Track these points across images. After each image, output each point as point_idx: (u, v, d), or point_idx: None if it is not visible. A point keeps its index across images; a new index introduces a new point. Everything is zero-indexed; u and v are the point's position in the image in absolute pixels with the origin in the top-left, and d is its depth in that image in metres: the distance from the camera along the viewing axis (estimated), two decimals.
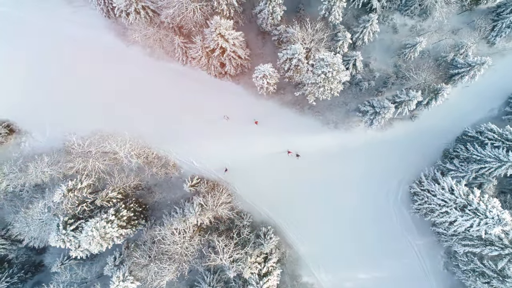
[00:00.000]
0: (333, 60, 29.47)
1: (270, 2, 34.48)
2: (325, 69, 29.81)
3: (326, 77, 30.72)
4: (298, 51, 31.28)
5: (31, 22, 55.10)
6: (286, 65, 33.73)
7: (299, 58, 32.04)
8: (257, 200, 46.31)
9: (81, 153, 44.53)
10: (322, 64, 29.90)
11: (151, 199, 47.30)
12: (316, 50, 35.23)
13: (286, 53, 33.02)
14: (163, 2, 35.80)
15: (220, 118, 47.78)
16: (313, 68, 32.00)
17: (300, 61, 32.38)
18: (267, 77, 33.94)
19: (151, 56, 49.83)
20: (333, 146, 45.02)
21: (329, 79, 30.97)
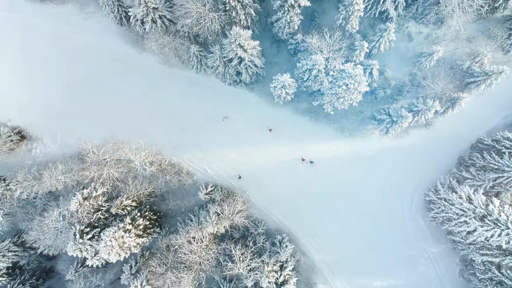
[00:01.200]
0: (355, 71, 29.52)
1: (288, 12, 34.49)
2: (347, 80, 29.88)
3: (348, 88, 30.78)
4: (319, 62, 31.33)
5: (44, 28, 55.30)
6: (305, 76, 33.77)
7: (319, 69, 32.07)
8: (271, 207, 46.39)
9: (96, 161, 44.54)
10: (344, 75, 29.96)
11: (165, 207, 47.33)
12: (334, 60, 35.25)
13: (305, 63, 33.07)
14: (180, 12, 35.82)
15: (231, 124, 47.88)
16: (333, 79, 32.04)
17: (320, 71, 32.40)
18: (286, 87, 33.97)
19: (164, 64, 49.92)
20: (347, 153, 45.09)
21: (350, 90, 31.02)
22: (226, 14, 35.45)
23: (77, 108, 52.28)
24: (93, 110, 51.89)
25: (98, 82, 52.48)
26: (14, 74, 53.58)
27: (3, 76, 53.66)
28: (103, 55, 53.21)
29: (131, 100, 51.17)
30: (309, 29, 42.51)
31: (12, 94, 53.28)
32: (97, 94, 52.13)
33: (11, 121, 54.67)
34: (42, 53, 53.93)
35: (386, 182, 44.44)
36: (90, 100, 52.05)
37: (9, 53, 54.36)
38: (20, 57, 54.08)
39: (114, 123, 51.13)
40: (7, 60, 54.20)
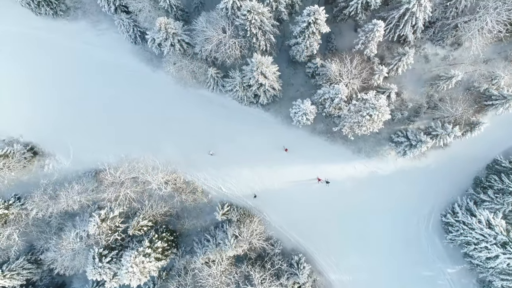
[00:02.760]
0: (379, 102, 29.66)
1: (308, 38, 34.60)
2: (371, 111, 30.00)
3: (371, 118, 30.93)
4: (342, 92, 31.46)
5: (56, 44, 55.39)
6: (326, 103, 33.87)
7: (341, 98, 32.20)
8: (287, 227, 46.48)
9: (113, 182, 44.63)
10: (368, 105, 30.10)
11: (180, 226, 47.43)
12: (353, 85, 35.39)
13: (327, 91, 33.19)
14: (201, 38, 35.91)
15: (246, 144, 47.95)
16: (356, 108, 32.20)
17: (342, 100, 32.52)
18: (307, 114, 34.10)
19: (179, 82, 49.87)
20: (363, 173, 45.21)
21: (373, 120, 31.17)
22: (247, 40, 35.52)
23: (89, 124, 52.39)
24: (105, 126, 51.99)
25: (111, 98, 52.57)
26: (26, 89, 53.72)
27: (15, 91, 53.81)
28: (116, 72, 53.31)
29: (144, 117, 51.25)
30: (325, 51, 42.67)
31: (24, 110, 53.42)
32: (110, 110, 52.24)
33: (23, 136, 54.82)
34: (54, 68, 54.06)
35: (402, 202, 44.54)
36: (102, 116, 52.16)
37: (21, 68, 54.51)
38: (32, 72, 54.22)
39: (127, 139, 51.21)
40: (19, 75, 54.35)
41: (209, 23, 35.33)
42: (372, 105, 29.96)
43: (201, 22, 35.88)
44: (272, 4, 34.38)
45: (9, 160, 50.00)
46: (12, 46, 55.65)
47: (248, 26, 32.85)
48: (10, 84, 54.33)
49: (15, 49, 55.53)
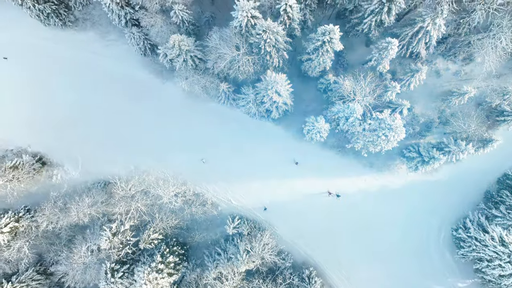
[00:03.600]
0: (395, 123, 29.71)
1: (322, 56, 34.63)
2: (387, 132, 30.05)
3: (387, 138, 30.99)
4: (357, 111, 31.51)
5: (64, 53, 55.51)
6: (340, 121, 33.92)
7: (356, 117, 32.24)
8: (297, 240, 46.52)
9: (124, 196, 44.64)
10: (383, 126, 30.14)
11: (191, 239, 47.39)
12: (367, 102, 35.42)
13: (342, 110, 33.23)
14: (214, 55, 35.95)
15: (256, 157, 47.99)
16: (370, 126, 32.23)
17: (357, 119, 32.56)
18: (321, 132, 34.14)
19: (188, 94, 49.93)
20: (374, 186, 45.27)
21: (389, 140, 31.23)
22: (260, 57, 35.56)
23: (98, 135, 52.41)
24: (114, 137, 52.02)
25: (119, 108, 52.59)
26: (34, 99, 53.71)
27: (22, 101, 53.79)
28: (124, 82, 53.38)
29: (153, 128, 51.30)
30: (337, 65, 42.68)
31: (32, 119, 53.44)
32: (118, 121, 52.27)
33: (31, 146, 54.76)
34: (62, 78, 54.11)
35: (412, 215, 44.61)
36: (110, 126, 52.18)
37: (28, 78, 54.56)
38: (39, 81, 54.26)
39: (135, 150, 51.25)
40: (27, 84, 54.38)
41: (223, 40, 35.36)
42: (388, 125, 30.01)
43: (215, 39, 35.92)
44: (285, 21, 34.38)
45: (19, 172, 49.97)
46: (20, 56, 55.74)
47: (263, 44, 32.89)
48: (18, 93, 54.37)
49: (23, 59, 55.60)
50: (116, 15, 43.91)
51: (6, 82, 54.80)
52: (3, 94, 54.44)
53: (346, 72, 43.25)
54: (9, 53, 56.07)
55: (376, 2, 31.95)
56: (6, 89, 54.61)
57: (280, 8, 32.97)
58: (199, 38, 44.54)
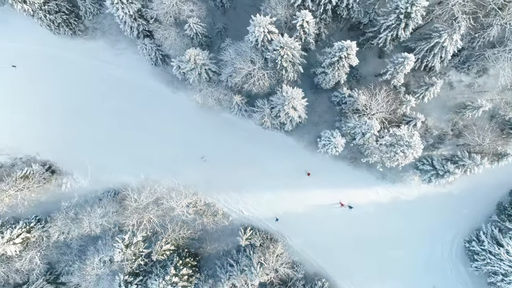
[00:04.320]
0: (414, 140, 29.75)
1: (337, 70, 34.65)
2: (405, 149, 30.07)
3: (405, 154, 31.02)
4: (374, 127, 31.53)
5: (73, 62, 55.48)
6: (357, 136, 33.91)
7: (373, 133, 32.26)
8: (309, 251, 46.52)
9: (137, 208, 44.62)
10: (402, 143, 30.16)
11: (203, 250, 47.40)
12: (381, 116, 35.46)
13: (358, 125, 33.23)
14: (229, 70, 35.95)
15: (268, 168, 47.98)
16: (386, 141, 32.26)
17: (374, 135, 32.59)
18: (337, 147, 34.17)
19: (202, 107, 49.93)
20: (386, 198, 45.26)
21: (407, 156, 31.27)
22: (276, 71, 35.57)
23: (107, 143, 52.40)
24: (123, 146, 51.98)
25: (128, 117, 52.62)
26: (42, 106, 53.75)
27: (31, 109, 53.83)
28: (134, 91, 53.43)
29: (163, 137, 51.29)
30: (350, 77, 42.65)
31: (41, 127, 53.50)
32: (127, 129, 52.28)
33: (40, 154, 54.81)
34: (70, 86, 54.21)
35: (425, 227, 44.58)
36: (120, 135, 52.16)
37: (37, 86, 54.59)
38: (48, 89, 54.31)
39: (145, 159, 51.25)
40: (35, 92, 54.42)
41: (238, 54, 35.38)
42: (406, 142, 30.04)
43: (230, 53, 35.93)
44: (301, 36, 34.39)
45: (29, 181, 50.02)
46: (29, 64, 55.81)
47: (280, 60, 32.90)
48: (26, 101, 54.40)
49: (32, 67, 55.69)
50: (128, 27, 43.90)
51: (14, 90, 54.87)
52: (12, 102, 54.52)
53: (358, 83, 43.35)
54: (18, 61, 56.15)
55: (393, 18, 31.95)
56: (14, 97, 54.67)
57: (296, 24, 32.96)
58: (210, 49, 44.59)
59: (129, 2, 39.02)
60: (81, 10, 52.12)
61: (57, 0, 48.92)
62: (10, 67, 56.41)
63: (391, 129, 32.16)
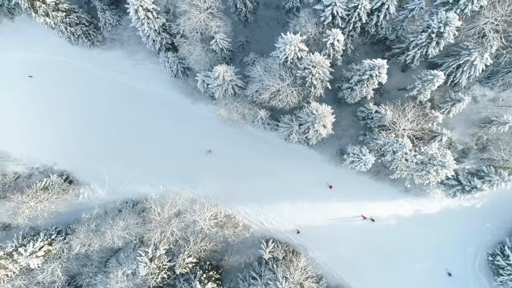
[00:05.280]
0: (448, 160, 29.86)
1: (366, 87, 34.73)
2: (439, 168, 30.17)
3: (437, 173, 31.13)
4: (406, 146, 31.60)
5: (90, 71, 55.56)
6: (387, 154, 33.97)
7: (405, 152, 32.35)
8: (331, 263, 46.58)
9: (160, 221, 44.65)
10: (436, 163, 30.27)
11: (225, 262, 47.43)
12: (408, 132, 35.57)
13: (389, 143, 33.30)
14: (257, 86, 36.00)
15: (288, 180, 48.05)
16: (417, 159, 32.36)
17: (406, 154, 32.69)
18: (366, 164, 34.27)
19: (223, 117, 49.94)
20: (408, 211, 45.38)
21: (439, 175, 31.38)
22: (304, 88, 35.63)
23: (125, 153, 52.52)
24: (141, 156, 52.13)
25: (146, 128, 52.76)
26: (60, 117, 53.84)
27: (49, 120, 53.93)
28: (151, 101, 53.61)
29: (181, 148, 51.33)
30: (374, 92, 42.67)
31: (58, 138, 53.55)
32: (145, 140, 52.44)
33: (57, 164, 54.87)
34: (87, 95, 54.31)
35: (447, 240, 44.65)
36: (138, 145, 52.29)
37: (54, 97, 54.63)
38: (65, 100, 54.36)
39: (163, 170, 51.39)
40: (52, 103, 54.49)
41: (266, 71, 35.42)
42: (440, 162, 30.15)
43: (258, 70, 35.96)
44: (330, 53, 34.46)
45: (49, 193, 50.08)
46: (45, 74, 55.90)
47: (310, 78, 32.96)
48: (42, 111, 54.50)
49: (48, 77, 55.78)
50: (151, 40, 43.90)
51: (31, 100, 54.94)
52: (29, 112, 54.61)
53: (382, 97, 43.45)
54: (34, 71, 56.23)
55: (424, 36, 32.00)
56: (31, 107, 54.76)
57: (327, 42, 33.02)
58: (232, 63, 44.66)
59: (155, 17, 39.04)
60: (101, 22, 52.17)
61: (77, 12, 48.95)
62: (26, 77, 56.46)
63: (422, 147, 32.22)
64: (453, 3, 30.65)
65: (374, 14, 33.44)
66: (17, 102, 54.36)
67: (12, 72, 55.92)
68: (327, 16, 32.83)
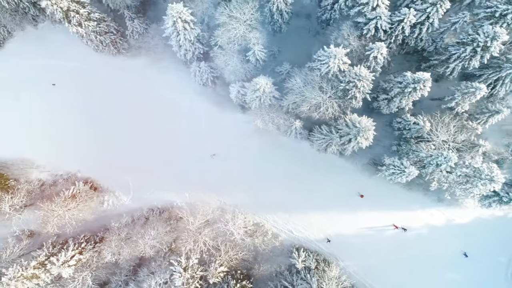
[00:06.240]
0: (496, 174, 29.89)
1: (407, 98, 34.77)
2: (487, 183, 30.25)
3: (484, 187, 31.22)
4: (452, 159, 31.66)
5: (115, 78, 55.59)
6: (429, 168, 34.01)
7: (450, 166, 32.41)
8: (362, 272, 46.62)
9: (193, 231, 44.74)
10: (484, 177, 30.35)
11: (256, 272, 47.45)
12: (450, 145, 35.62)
13: (433, 156, 33.33)
14: (296, 99, 36.03)
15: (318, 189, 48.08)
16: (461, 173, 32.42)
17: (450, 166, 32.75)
18: (408, 176, 34.33)
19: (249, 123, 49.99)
20: (440, 220, 45.48)
21: (486, 187, 31.47)
22: (345, 101, 35.67)
23: (149, 161, 52.45)
24: (166, 163, 52.08)
25: (171, 135, 52.71)
26: (83, 124, 53.89)
27: (72, 127, 53.99)
28: (178, 109, 53.54)
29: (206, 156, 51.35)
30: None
31: (81, 145, 53.59)
32: (170, 147, 52.38)
33: (81, 171, 54.87)
34: (111, 104, 54.28)
35: (479, 249, 44.70)
36: (162, 153, 52.30)
37: (78, 104, 54.66)
38: (88, 107, 54.37)
39: (188, 177, 51.36)
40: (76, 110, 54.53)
41: (307, 83, 35.43)
42: (487, 176, 30.22)
43: (298, 82, 35.99)
44: (371, 65, 34.50)
45: (77, 201, 50.17)
46: (68, 81, 55.92)
47: (354, 90, 33.02)
48: (65, 118, 54.52)
49: (71, 84, 55.82)
50: (183, 50, 43.92)
51: (53, 108, 54.93)
52: (51, 120, 54.60)
53: (415, 107, 43.36)
54: (57, 78, 56.20)
55: (468, 50, 32.04)
56: (53, 114, 54.76)
57: (369, 55, 33.06)
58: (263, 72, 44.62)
59: (191, 28, 39.06)
60: (128, 30, 52.27)
61: (106, 21, 48.98)
62: (49, 84, 56.41)
63: (467, 161, 32.29)
64: (499, 17, 30.67)
65: (417, 27, 33.44)
66: (39, 109, 54.37)
67: (35, 80, 55.95)
68: (370, 29, 32.83)
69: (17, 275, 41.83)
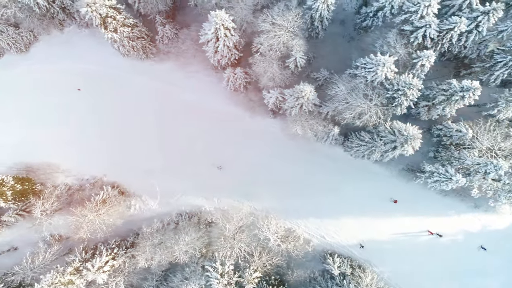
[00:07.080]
0: None
1: (452, 106, 34.73)
2: None
3: None
4: (503, 167, 31.66)
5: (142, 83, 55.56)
6: (476, 176, 34.01)
7: (500, 174, 32.42)
8: (396, 279, 46.52)
9: (228, 236, 44.70)
10: None
11: (290, 278, 47.38)
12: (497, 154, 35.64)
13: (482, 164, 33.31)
14: (342, 107, 36.01)
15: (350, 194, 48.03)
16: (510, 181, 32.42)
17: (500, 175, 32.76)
18: (455, 184, 34.30)
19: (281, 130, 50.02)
20: (476, 227, 45.33)
21: None
22: (389, 108, 35.65)
23: (176, 165, 52.36)
24: (194, 168, 52.01)
25: (198, 139, 52.67)
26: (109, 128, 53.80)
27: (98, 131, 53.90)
28: (206, 114, 53.38)
29: (236, 161, 51.33)
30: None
31: (107, 149, 53.54)
32: (197, 153, 52.28)
33: (107, 176, 54.83)
34: (138, 109, 54.21)
35: None
36: (189, 157, 52.21)
37: (104, 108, 54.61)
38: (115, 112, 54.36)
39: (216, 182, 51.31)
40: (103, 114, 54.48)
41: (351, 90, 35.41)
42: None
43: (342, 89, 35.96)
44: (417, 73, 34.50)
45: (106, 205, 50.15)
46: (94, 85, 55.88)
47: (401, 98, 33.00)
48: (91, 122, 54.48)
49: (97, 89, 55.74)
50: (219, 55, 43.83)
51: (79, 113, 54.84)
52: (77, 123, 54.56)
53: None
54: (83, 83, 56.14)
55: None
56: (79, 118, 54.71)
57: (417, 62, 33.06)
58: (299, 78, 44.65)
59: (232, 35, 39.03)
60: (158, 35, 52.19)
61: (139, 27, 48.95)
62: (75, 89, 56.33)
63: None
64: None
65: (464, 35, 33.44)
66: (64, 113, 54.22)
67: (60, 84, 55.74)
68: (418, 37, 32.83)
69: (54, 281, 41.77)
